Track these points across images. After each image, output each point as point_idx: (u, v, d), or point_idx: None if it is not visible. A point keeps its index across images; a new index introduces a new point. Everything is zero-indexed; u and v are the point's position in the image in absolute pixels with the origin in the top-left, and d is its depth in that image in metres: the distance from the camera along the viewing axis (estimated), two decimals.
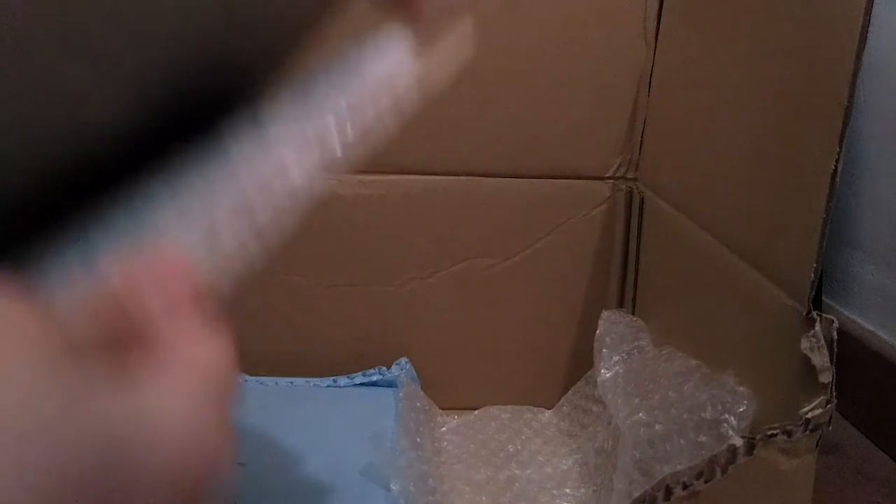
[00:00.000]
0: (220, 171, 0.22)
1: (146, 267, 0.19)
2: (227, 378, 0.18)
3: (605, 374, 0.61)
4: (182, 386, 0.17)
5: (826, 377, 0.39)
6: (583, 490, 0.63)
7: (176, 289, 0.18)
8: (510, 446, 0.69)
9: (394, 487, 0.52)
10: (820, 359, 0.39)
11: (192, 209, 0.21)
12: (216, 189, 0.22)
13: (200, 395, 0.17)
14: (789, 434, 0.38)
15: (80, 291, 0.18)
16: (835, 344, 0.39)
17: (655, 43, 0.66)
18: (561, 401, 0.74)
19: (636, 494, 0.41)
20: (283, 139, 0.24)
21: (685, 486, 0.38)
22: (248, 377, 0.66)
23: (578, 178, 0.70)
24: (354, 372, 0.69)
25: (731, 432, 0.44)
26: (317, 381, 0.68)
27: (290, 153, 0.23)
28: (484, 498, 0.63)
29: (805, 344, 0.40)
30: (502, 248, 0.71)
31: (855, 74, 0.37)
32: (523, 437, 0.71)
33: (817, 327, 0.40)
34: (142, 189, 0.22)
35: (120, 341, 0.17)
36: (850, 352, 0.76)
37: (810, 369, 0.39)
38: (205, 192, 0.22)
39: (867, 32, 0.37)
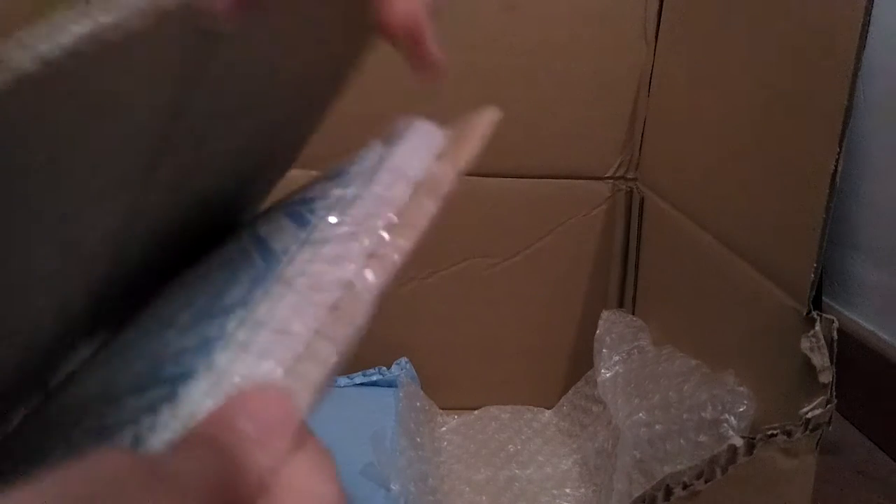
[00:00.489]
0: (275, 286, 0.22)
1: (238, 409, 0.18)
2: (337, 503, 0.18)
3: (605, 374, 0.61)
4: None
5: (826, 377, 0.39)
6: (583, 490, 0.63)
7: (273, 427, 0.17)
8: (510, 446, 0.69)
9: (394, 487, 0.52)
10: (820, 359, 0.39)
11: (261, 336, 0.21)
12: (277, 306, 0.21)
13: None
14: (789, 434, 0.38)
15: (175, 445, 0.18)
16: (835, 344, 0.39)
17: (655, 43, 0.66)
18: (561, 401, 0.74)
19: (636, 494, 0.41)
20: (328, 240, 0.23)
21: (685, 486, 0.38)
22: None
23: (578, 178, 0.70)
24: (354, 372, 0.69)
25: (731, 432, 0.44)
26: None
27: (337, 253, 0.22)
28: (484, 498, 0.63)
29: (805, 344, 0.40)
30: (502, 248, 0.71)
31: (855, 74, 0.37)
32: (523, 437, 0.71)
33: (817, 327, 0.40)
34: (205, 326, 0.21)
35: (225, 487, 0.16)
36: (850, 352, 0.76)
37: (810, 369, 0.39)
38: (267, 313, 0.21)
39: (867, 32, 0.37)
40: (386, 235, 0.23)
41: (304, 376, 0.20)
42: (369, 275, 0.22)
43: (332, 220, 0.23)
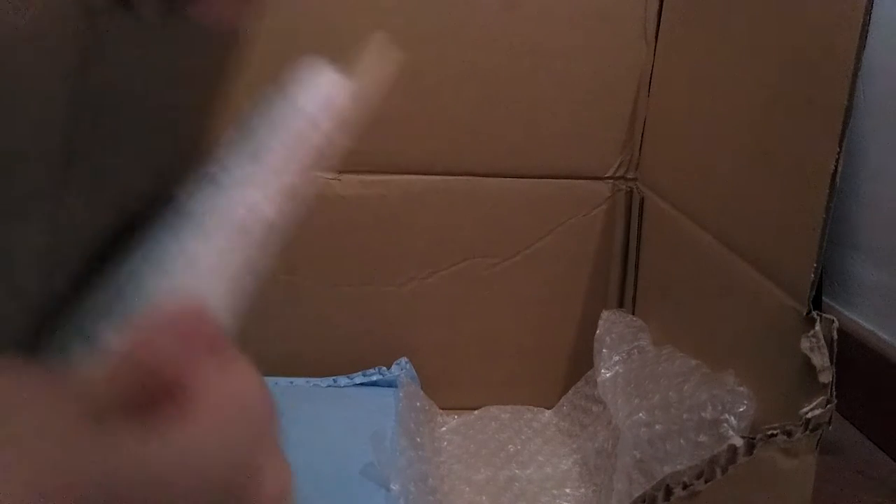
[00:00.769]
0: (191, 226, 0.24)
1: (156, 321, 0.19)
2: (263, 405, 0.19)
3: (605, 374, 0.61)
4: (216, 423, 0.17)
5: (826, 377, 0.39)
6: (583, 490, 0.63)
7: (191, 333, 0.19)
8: (510, 446, 0.69)
9: (394, 487, 0.52)
10: (820, 359, 0.39)
11: (184, 277, 0.23)
12: (196, 240, 0.23)
13: (237, 428, 0.17)
14: (789, 434, 0.38)
15: (97, 360, 0.19)
16: (835, 344, 0.39)
17: (655, 43, 0.66)
18: (561, 401, 0.74)
19: (636, 494, 0.41)
20: (239, 183, 0.25)
21: (685, 486, 0.38)
22: None
23: (578, 178, 0.70)
24: (354, 372, 0.69)
25: (731, 432, 0.44)
26: (317, 381, 0.68)
27: (251, 192, 0.25)
28: (484, 498, 0.63)
29: (805, 344, 0.40)
30: (502, 248, 0.71)
31: (855, 74, 0.37)
32: (523, 437, 0.71)
33: (817, 327, 0.40)
34: (128, 261, 0.23)
35: (148, 397, 0.17)
36: (850, 352, 0.76)
37: (810, 369, 0.39)
38: (185, 247, 0.23)
39: (867, 32, 0.37)
40: (302, 174, 0.26)
41: (227, 302, 0.23)
42: (288, 211, 0.25)
43: (249, 169, 0.25)
